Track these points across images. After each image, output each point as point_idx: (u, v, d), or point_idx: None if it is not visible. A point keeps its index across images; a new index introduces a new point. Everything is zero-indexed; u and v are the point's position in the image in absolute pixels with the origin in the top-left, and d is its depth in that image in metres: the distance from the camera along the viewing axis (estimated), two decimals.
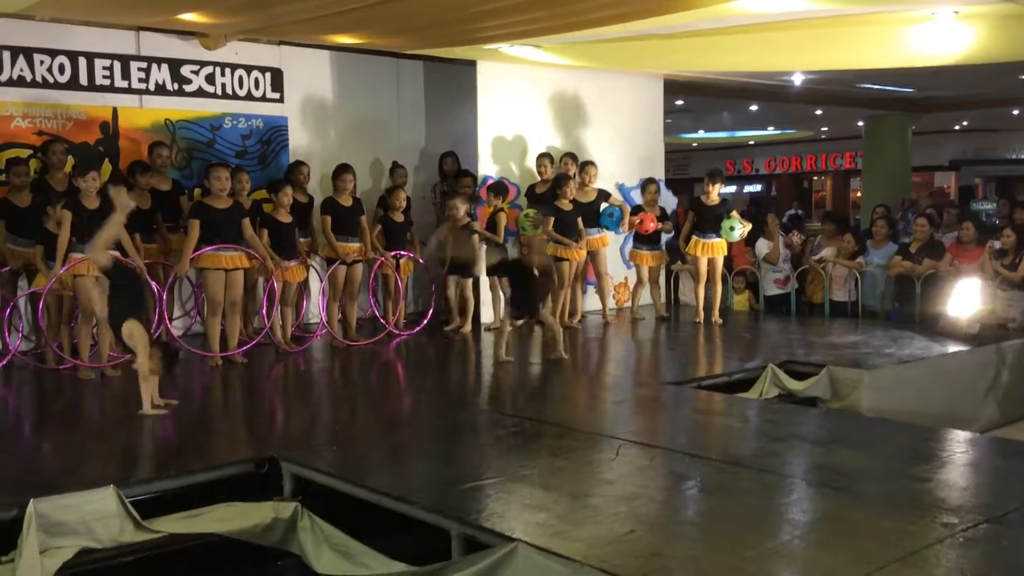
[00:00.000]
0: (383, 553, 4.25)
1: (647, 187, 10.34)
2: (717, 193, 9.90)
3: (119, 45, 8.86)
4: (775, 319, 10.39)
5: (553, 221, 9.31)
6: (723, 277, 10.21)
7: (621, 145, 11.16)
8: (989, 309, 9.09)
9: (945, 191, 25.71)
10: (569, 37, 8.51)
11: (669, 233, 10.36)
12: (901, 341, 8.56)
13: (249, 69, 9.66)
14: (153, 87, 9.08)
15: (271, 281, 8.20)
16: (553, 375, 7.53)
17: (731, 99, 16.91)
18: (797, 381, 7.32)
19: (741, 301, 11.06)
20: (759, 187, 33.16)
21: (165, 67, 9.13)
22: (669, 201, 10.92)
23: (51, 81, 8.51)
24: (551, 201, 9.50)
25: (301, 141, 10.04)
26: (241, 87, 9.62)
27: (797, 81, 13.59)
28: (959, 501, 4.23)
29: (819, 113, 20.85)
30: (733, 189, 31.49)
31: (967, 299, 8.94)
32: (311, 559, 4.46)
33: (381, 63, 10.61)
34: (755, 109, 19.30)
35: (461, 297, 9.67)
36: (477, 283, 9.80)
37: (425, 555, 4.11)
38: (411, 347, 9.07)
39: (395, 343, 9.11)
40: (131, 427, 5.87)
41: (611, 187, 10.46)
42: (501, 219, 9.49)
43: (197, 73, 9.34)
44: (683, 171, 29.08)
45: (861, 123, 20.15)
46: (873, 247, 10.44)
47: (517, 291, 7.84)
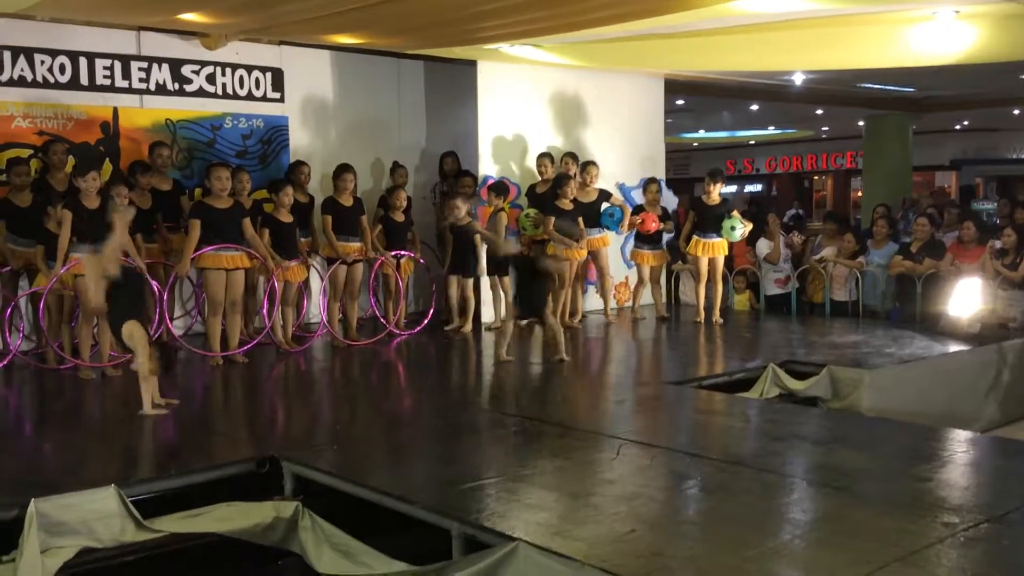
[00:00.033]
0: (384, 553, 4.25)
1: (648, 187, 10.34)
2: (718, 193, 9.90)
3: (120, 45, 8.86)
4: (776, 319, 10.38)
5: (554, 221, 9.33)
6: (724, 277, 10.20)
7: (622, 145, 11.15)
8: (990, 309, 9.08)
9: (946, 191, 25.71)
10: (569, 37, 8.51)
11: (670, 233, 10.37)
12: (902, 341, 8.56)
13: (250, 69, 9.66)
14: (154, 87, 9.08)
15: (272, 281, 8.20)
16: (554, 375, 7.52)
17: (732, 99, 16.91)
18: (798, 381, 7.32)
19: (742, 301, 11.05)
20: (760, 187, 33.15)
21: (166, 67, 9.13)
22: (670, 201, 10.92)
23: (52, 81, 8.51)
24: (552, 201, 9.50)
25: (302, 141, 10.04)
26: (242, 87, 9.62)
27: (798, 81, 13.59)
28: (960, 501, 4.23)
29: (820, 113, 20.84)
30: (734, 189, 31.49)
31: (968, 299, 8.94)
32: (312, 559, 4.46)
33: (382, 63, 10.61)
34: (756, 109, 19.31)
35: (462, 297, 9.68)
36: (478, 283, 9.80)
37: (426, 555, 4.11)
38: (412, 347, 9.07)
39: (396, 343, 9.11)
40: (132, 427, 5.87)
41: (612, 187, 10.45)
42: (502, 219, 9.49)
43: (198, 73, 9.35)
44: (684, 171, 29.10)
45: (862, 123, 20.14)
46: (874, 247, 10.44)
47: (523, 291, 7.83)
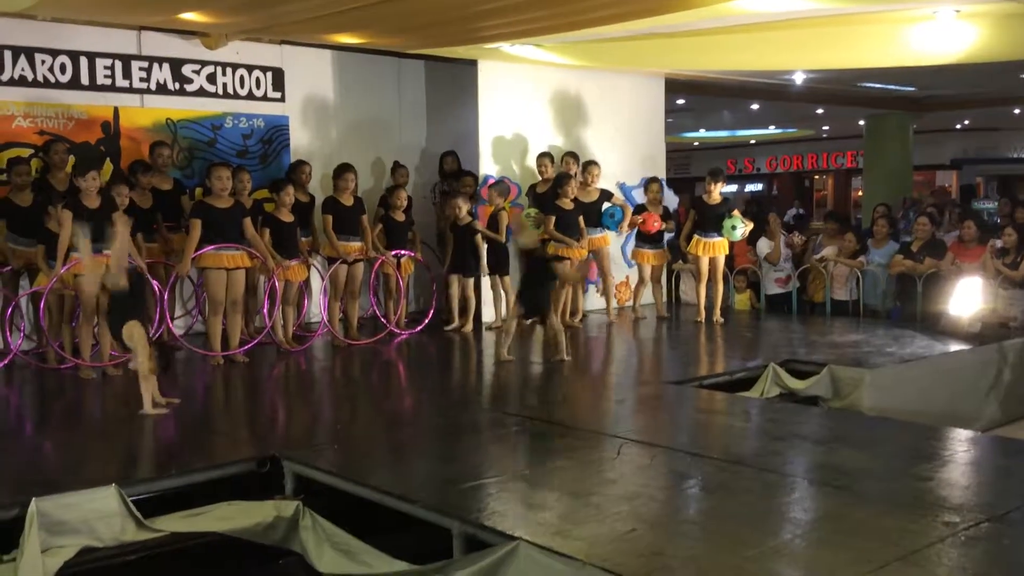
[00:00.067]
0: (385, 552, 4.25)
1: (650, 186, 10.33)
2: (719, 192, 9.90)
3: (120, 45, 8.86)
4: (776, 318, 10.38)
5: (554, 220, 9.33)
6: (724, 276, 10.21)
7: (622, 144, 11.14)
8: (990, 308, 9.08)
9: (946, 190, 25.72)
10: (570, 36, 8.51)
11: (671, 232, 10.36)
12: (902, 340, 8.55)
13: (250, 68, 9.66)
14: (154, 86, 9.08)
15: (272, 280, 8.20)
16: (554, 374, 7.52)
17: (732, 98, 16.91)
18: (798, 380, 7.32)
19: (742, 300, 11.05)
20: (760, 186, 33.15)
21: (166, 66, 9.13)
22: (670, 200, 10.92)
23: (52, 81, 8.51)
24: (552, 200, 9.50)
25: (302, 140, 10.04)
26: (242, 86, 9.62)
27: (798, 80, 13.59)
28: (961, 500, 4.23)
29: (820, 112, 20.83)
30: (734, 188, 31.49)
31: (968, 298, 8.94)
32: (313, 558, 4.46)
33: (382, 62, 10.61)
34: (756, 108, 19.30)
35: (462, 296, 9.68)
36: (478, 282, 9.80)
37: (427, 554, 4.11)
38: (412, 346, 9.07)
39: (396, 342, 9.11)
40: (132, 426, 5.87)
41: (612, 186, 10.45)
42: (503, 218, 9.50)
43: (198, 73, 9.34)
44: (684, 170, 29.11)
45: (862, 122, 20.13)
46: (874, 246, 10.43)
47: (529, 291, 7.82)
